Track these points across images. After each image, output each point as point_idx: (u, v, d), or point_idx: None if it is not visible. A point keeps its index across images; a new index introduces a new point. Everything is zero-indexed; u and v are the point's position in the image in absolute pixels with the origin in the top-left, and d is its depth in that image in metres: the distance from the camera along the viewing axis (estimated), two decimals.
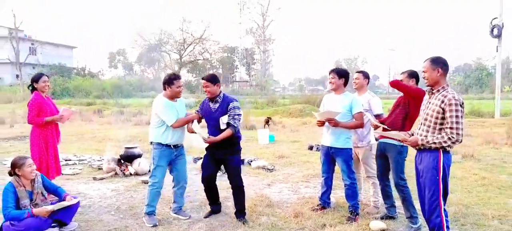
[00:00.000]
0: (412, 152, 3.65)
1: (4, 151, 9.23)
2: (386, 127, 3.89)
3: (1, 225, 3.87)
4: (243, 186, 4.48)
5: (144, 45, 57.67)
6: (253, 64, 62.83)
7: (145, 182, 6.04)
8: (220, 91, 4.33)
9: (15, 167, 4.00)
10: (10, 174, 4.07)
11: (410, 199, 4.08)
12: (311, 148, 9.76)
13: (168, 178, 4.54)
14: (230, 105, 4.24)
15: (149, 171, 6.59)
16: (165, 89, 4.32)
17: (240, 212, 4.42)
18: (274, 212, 4.70)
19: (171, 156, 4.39)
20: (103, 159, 7.79)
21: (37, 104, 4.83)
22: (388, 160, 4.13)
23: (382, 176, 4.31)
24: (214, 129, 4.26)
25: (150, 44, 56.68)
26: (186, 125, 4.41)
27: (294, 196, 5.51)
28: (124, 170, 6.78)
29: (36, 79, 4.97)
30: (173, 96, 4.33)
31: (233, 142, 4.31)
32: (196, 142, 4.25)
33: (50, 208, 3.92)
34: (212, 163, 4.44)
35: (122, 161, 6.97)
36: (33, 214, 3.83)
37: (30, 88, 4.99)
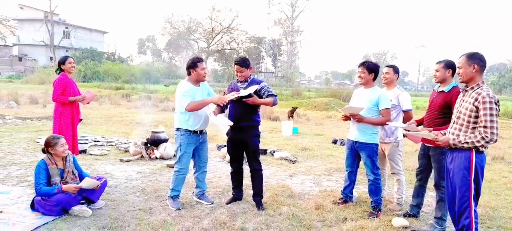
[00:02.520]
0: None
1: (38, 130, 9.61)
2: (417, 129, 3.77)
3: (33, 199, 4.06)
4: (261, 170, 4.55)
5: (173, 33, 58.39)
6: (279, 55, 62.53)
7: (170, 166, 6.17)
8: (250, 75, 4.42)
9: (49, 146, 4.17)
10: (43, 151, 4.24)
11: (446, 201, 3.98)
12: (335, 141, 9.67)
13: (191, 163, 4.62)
14: (261, 85, 4.34)
15: (174, 155, 6.72)
16: (189, 74, 4.35)
17: (258, 195, 4.50)
18: (295, 203, 4.70)
19: (197, 142, 4.44)
20: (130, 142, 8.01)
21: (63, 84, 5.21)
22: (430, 160, 4.01)
23: (422, 176, 4.21)
24: (238, 106, 4.31)
25: (179, 32, 57.32)
26: (209, 111, 4.47)
27: (316, 188, 5.49)
28: (150, 153, 6.93)
29: (62, 61, 5.35)
30: (198, 80, 4.35)
31: (254, 124, 4.37)
32: (222, 126, 4.28)
33: (78, 185, 4.07)
34: (234, 145, 4.52)
35: (149, 145, 7.14)
36: (63, 190, 3.99)
37: (58, 71, 5.30)
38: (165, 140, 7.28)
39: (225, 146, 7.82)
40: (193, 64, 4.30)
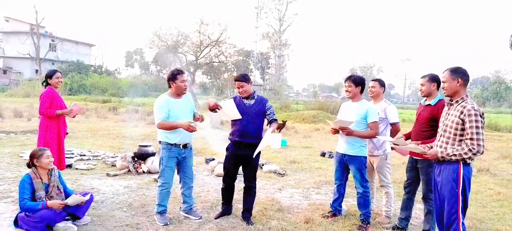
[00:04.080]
0: None
1: (22, 144, 9.41)
2: (403, 143, 3.81)
3: (17, 215, 3.96)
4: (256, 188, 4.51)
5: (161, 46, 58.29)
6: (267, 68, 62.84)
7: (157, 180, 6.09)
8: (254, 91, 4.44)
9: (34, 158, 4.08)
10: (29, 165, 4.15)
11: (434, 213, 4.01)
12: (323, 154, 9.70)
13: (177, 177, 4.57)
14: (267, 105, 4.44)
15: None
16: (170, 86, 4.34)
17: (248, 212, 4.47)
18: (284, 216, 4.68)
19: (180, 156, 4.38)
20: (117, 156, 7.89)
21: (50, 97, 5.16)
22: (418, 172, 4.05)
23: (410, 188, 4.24)
24: (246, 122, 4.30)
25: (167, 45, 57.26)
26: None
27: (305, 201, 5.48)
28: (137, 167, 6.84)
29: (50, 75, 5.29)
30: (178, 93, 4.33)
31: (259, 142, 4.34)
32: (273, 143, 4.23)
33: (64, 201, 3.98)
34: (235, 160, 4.47)
35: (136, 159, 7.05)
36: (47, 206, 3.90)
37: (44, 83, 5.25)
38: (153, 154, 7.19)
39: (213, 159, 7.78)
40: (173, 77, 4.29)
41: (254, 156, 4.21)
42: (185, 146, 4.38)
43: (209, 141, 4.81)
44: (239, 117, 4.23)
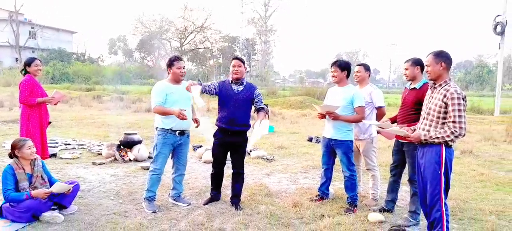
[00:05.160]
0: None
1: (4, 134, 9.23)
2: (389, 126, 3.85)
3: (1, 206, 3.89)
4: (244, 173, 4.52)
5: (145, 32, 57.44)
6: (253, 54, 62.61)
7: (145, 168, 6.06)
8: (243, 77, 4.39)
9: (15, 148, 4.00)
10: (10, 156, 4.07)
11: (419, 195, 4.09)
12: (310, 139, 9.77)
13: (168, 164, 4.54)
14: (256, 92, 4.40)
15: (150, 157, 6.61)
16: (169, 73, 4.33)
17: (236, 197, 4.49)
18: (273, 201, 4.71)
19: (175, 142, 4.36)
20: (102, 144, 7.80)
21: (29, 85, 5.01)
22: (404, 155, 4.10)
23: (396, 171, 4.30)
24: (233, 108, 4.27)
25: (151, 32, 56.43)
26: (193, 110, 4.46)
27: (292, 186, 5.53)
28: (123, 155, 6.78)
29: (28, 63, 5.13)
30: (176, 79, 4.31)
31: (247, 129, 4.35)
32: (259, 133, 4.18)
33: (49, 190, 3.93)
34: (223, 148, 4.45)
35: (122, 147, 6.98)
36: (32, 196, 3.84)
37: (23, 71, 5.10)
38: (139, 142, 7.13)
39: (200, 146, 7.76)
40: (170, 63, 4.29)
41: (249, 150, 4.21)
42: (181, 132, 4.35)
43: (199, 128, 4.76)
44: (202, 104, 4.08)
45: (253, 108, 4.45)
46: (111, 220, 3.96)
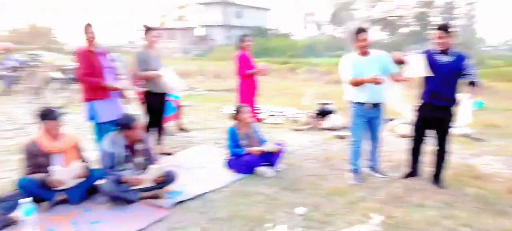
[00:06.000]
0: None
1: (223, 100, 11.05)
2: None
3: (228, 158, 4.77)
4: (447, 151, 4.19)
5: (336, 4, 57.71)
6: (452, 20, 54.86)
7: (340, 137, 6.31)
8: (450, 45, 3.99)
9: (237, 113, 4.80)
10: (232, 118, 4.89)
11: None
12: None
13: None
14: (466, 62, 3.92)
15: (343, 127, 6.83)
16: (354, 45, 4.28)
17: (438, 175, 4.21)
18: (482, 184, 4.23)
19: (367, 115, 4.32)
20: (300, 113, 8.47)
21: (243, 59, 5.74)
22: None
23: None
24: (439, 81, 3.97)
25: (343, 3, 56.28)
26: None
27: (508, 170, 4.80)
28: (319, 124, 7.22)
29: (241, 39, 5.88)
30: (361, 51, 4.21)
31: (454, 104, 4.01)
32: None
33: (261, 148, 4.59)
34: (425, 123, 4.22)
35: (318, 115, 7.43)
36: (249, 152, 4.57)
37: (238, 48, 5.87)
38: (333, 111, 7.45)
39: (392, 119, 7.50)
40: (355, 34, 4.24)
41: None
42: (375, 105, 4.27)
43: (393, 101, 4.63)
44: (425, 74, 3.87)
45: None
46: (312, 181, 4.35)
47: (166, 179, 3.89)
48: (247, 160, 4.53)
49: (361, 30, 4.23)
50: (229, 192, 4.03)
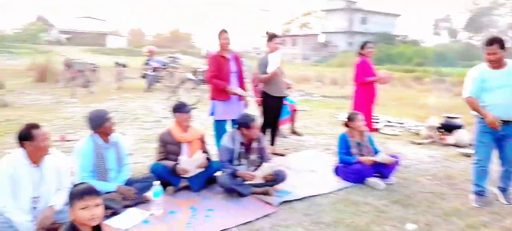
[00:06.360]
0: None
1: (337, 107, 10.97)
2: None
3: (336, 165, 4.77)
4: None
5: (475, 10, 51.73)
6: None
7: (466, 155, 5.73)
8: None
9: (350, 120, 4.76)
10: (344, 125, 4.86)
11: None
12: None
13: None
14: None
15: (471, 144, 6.17)
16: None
17: None
18: None
19: (496, 132, 3.80)
20: (421, 125, 7.92)
21: (362, 66, 5.62)
22: None
23: None
24: None
25: (482, 8, 50.18)
26: None
27: None
28: (442, 139, 6.65)
29: (362, 46, 5.75)
30: (491, 64, 3.73)
31: None
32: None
33: (373, 158, 4.47)
34: None
35: (441, 130, 6.85)
36: (360, 161, 4.49)
37: (358, 54, 5.78)
38: (460, 126, 6.77)
39: None
40: (483, 45, 3.80)
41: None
42: (506, 122, 3.73)
43: None
44: None
45: None
46: (427, 198, 4.08)
47: (276, 178, 4.12)
48: (356, 168, 4.46)
49: (490, 42, 3.72)
50: (336, 198, 4.04)
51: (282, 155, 5.62)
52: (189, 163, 4.01)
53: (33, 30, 44.89)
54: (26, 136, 2.96)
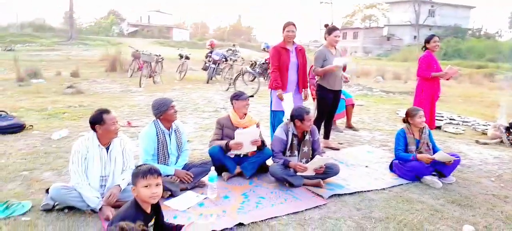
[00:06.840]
0: None
1: (398, 103, 10.58)
2: None
3: (392, 161, 4.67)
4: None
5: None
6: None
7: None
8: None
9: (408, 116, 4.63)
10: (404, 121, 4.73)
11: None
12: None
13: None
14: None
15: None
16: None
17: None
18: None
19: None
20: (488, 124, 7.43)
21: (427, 60, 5.47)
22: None
23: None
24: None
25: None
26: None
27: None
28: (511, 139, 6.21)
29: (428, 39, 5.61)
30: None
31: None
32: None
33: (433, 156, 4.30)
34: None
35: (511, 130, 6.39)
36: (417, 159, 4.36)
37: (423, 48, 5.59)
38: None
39: None
40: None
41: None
42: None
43: None
44: None
45: None
46: (488, 200, 3.88)
47: (328, 171, 4.15)
48: (413, 165, 4.34)
49: None
50: (389, 195, 3.98)
51: (336, 149, 5.61)
52: (244, 135, 4.15)
53: (106, 24, 48.21)
54: (98, 119, 3.29)
